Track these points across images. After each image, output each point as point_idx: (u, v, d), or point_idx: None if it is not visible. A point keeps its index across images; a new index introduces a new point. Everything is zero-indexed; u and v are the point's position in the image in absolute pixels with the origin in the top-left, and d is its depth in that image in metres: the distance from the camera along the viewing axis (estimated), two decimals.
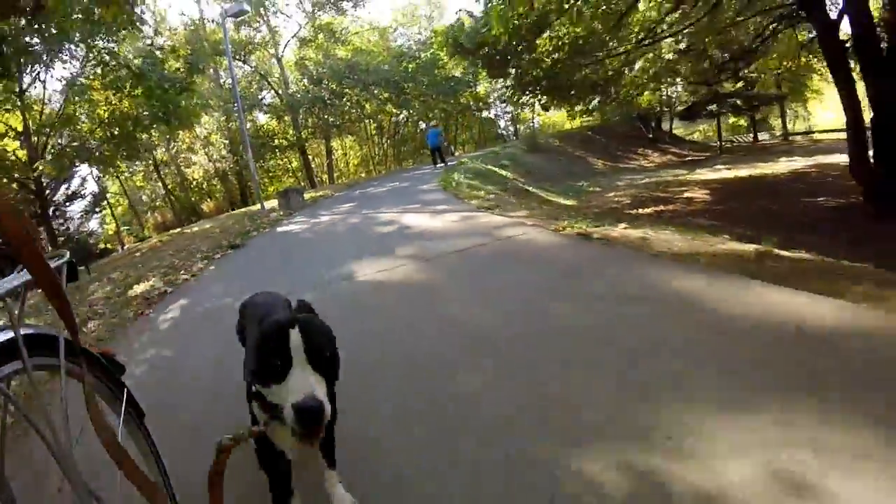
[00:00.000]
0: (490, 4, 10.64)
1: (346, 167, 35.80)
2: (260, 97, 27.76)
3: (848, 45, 8.66)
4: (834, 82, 8.98)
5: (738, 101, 22.22)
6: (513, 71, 11.74)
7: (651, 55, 13.58)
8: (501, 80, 13.32)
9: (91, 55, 12.87)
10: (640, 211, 12.61)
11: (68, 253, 1.32)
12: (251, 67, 27.84)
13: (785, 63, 18.90)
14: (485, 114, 36.29)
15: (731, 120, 34.68)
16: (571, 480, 1.48)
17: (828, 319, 2.18)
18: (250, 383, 1.37)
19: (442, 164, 18.57)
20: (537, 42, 11.66)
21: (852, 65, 9.04)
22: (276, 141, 29.13)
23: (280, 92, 27.37)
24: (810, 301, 2.39)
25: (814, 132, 30.27)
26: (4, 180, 14.52)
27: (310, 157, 31.90)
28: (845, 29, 8.74)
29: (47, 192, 15.83)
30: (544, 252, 4.10)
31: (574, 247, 4.06)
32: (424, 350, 2.60)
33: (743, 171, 18.19)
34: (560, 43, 12.09)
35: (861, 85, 8.62)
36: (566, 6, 9.57)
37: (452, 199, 8.49)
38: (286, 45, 28.83)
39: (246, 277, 5.58)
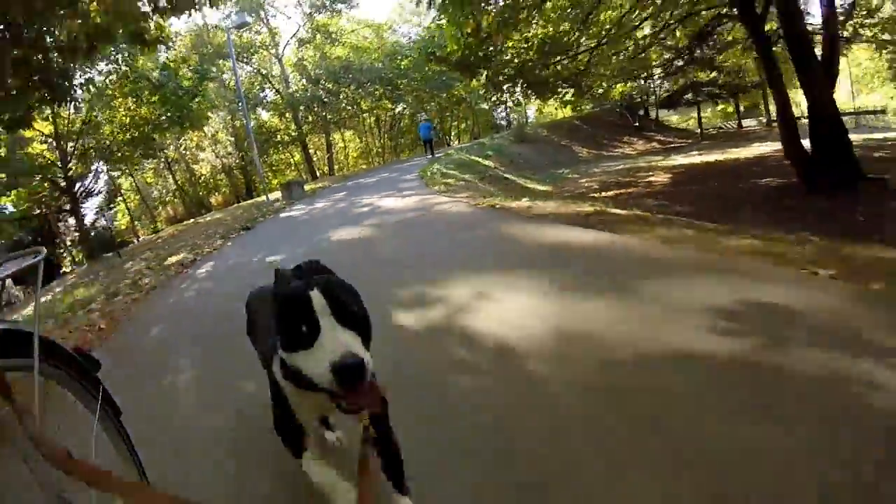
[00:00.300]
0: (444, 25, 12.38)
1: (346, 159, 37.67)
2: (262, 96, 29.71)
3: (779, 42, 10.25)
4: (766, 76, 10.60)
5: (715, 90, 23.75)
6: (484, 73, 13.35)
7: (616, 49, 15.21)
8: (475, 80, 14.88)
9: (114, 68, 14.81)
10: (603, 194, 14.27)
11: (45, 250, 1.32)
12: (253, 68, 29.73)
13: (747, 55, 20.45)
14: (483, 105, 37.95)
15: (721, 107, 36.02)
16: (398, 294, 3.30)
17: (586, 240, 3.97)
18: (267, 353, 1.33)
19: (430, 155, 20.45)
20: (508, 44, 13.35)
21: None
22: (279, 136, 31.12)
23: (281, 90, 29.34)
24: (590, 234, 4.15)
25: (801, 117, 31.76)
26: (38, 177, 16.56)
27: (311, 150, 33.86)
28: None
29: (76, 188, 17.84)
30: (457, 217, 5.93)
31: (478, 213, 5.88)
32: (362, 268, 4.45)
33: (713, 157, 19.75)
34: (529, 43, 13.78)
35: None
36: (518, 17, 11.29)
37: (422, 186, 10.30)
38: (286, 46, 30.77)
39: (257, 246, 7.44)
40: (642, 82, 22.89)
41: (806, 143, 10.04)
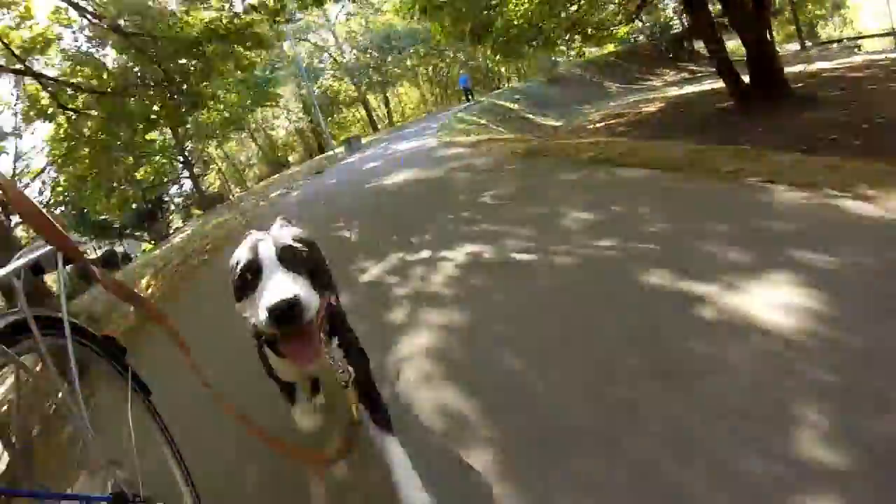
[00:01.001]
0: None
1: (402, 111, 41.87)
2: (321, 67, 34.34)
3: None
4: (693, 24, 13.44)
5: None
6: (490, 40, 16.53)
7: None
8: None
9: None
10: (598, 125, 17.55)
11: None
12: (311, 43, 34.25)
13: None
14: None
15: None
16: (373, 179, 7.47)
17: (464, 153, 7.93)
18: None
19: (468, 102, 24.21)
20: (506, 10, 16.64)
21: None
22: (341, 98, 35.77)
23: (337, 59, 33.87)
24: (478, 152, 8.12)
25: (836, 41, 32.14)
26: (159, 157, 22.18)
27: (375, 105, 38.49)
28: None
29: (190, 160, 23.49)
30: (425, 149, 9.95)
31: (436, 146, 9.89)
32: (364, 174, 8.62)
33: (715, 85, 21.93)
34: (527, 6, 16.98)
35: None
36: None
37: (434, 133, 14.28)
38: (336, 19, 34.97)
39: (321, 180, 11.86)
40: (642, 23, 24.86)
41: None
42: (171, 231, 24.39)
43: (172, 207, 30.04)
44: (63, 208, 20.82)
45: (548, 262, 2.79)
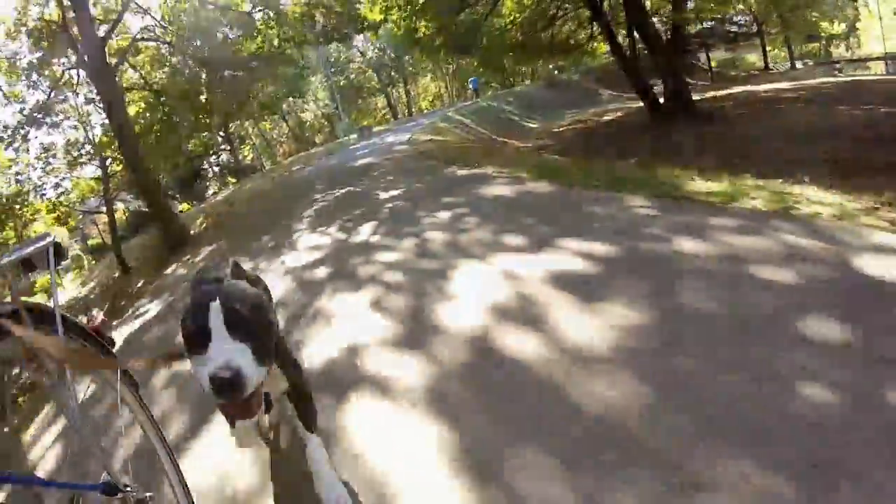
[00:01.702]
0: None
1: (422, 103, 46.03)
2: (348, 58, 38.68)
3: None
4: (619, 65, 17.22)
5: (708, 40, 28.76)
6: (476, 55, 20.17)
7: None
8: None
9: None
10: (561, 128, 21.33)
11: (54, 235, 1.39)
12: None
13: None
14: None
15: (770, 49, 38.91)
16: (357, 158, 11.64)
17: (409, 153, 12.04)
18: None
19: (477, 99, 28.35)
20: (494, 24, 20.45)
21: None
22: (365, 88, 40.11)
23: (363, 53, 38.17)
24: (416, 149, 12.20)
25: (835, 62, 35.00)
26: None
27: (397, 96, 42.86)
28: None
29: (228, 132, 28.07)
30: (403, 144, 14.04)
31: (411, 139, 13.97)
32: (353, 155, 12.80)
33: None
34: (514, 24, 20.80)
35: None
36: None
37: (425, 128, 18.35)
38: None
39: (332, 160, 16.08)
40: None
41: None
42: (209, 195, 28.98)
43: (210, 175, 34.81)
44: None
45: (369, 198, 6.87)
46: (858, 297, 1.90)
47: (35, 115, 14.12)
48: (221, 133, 27.28)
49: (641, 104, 17.62)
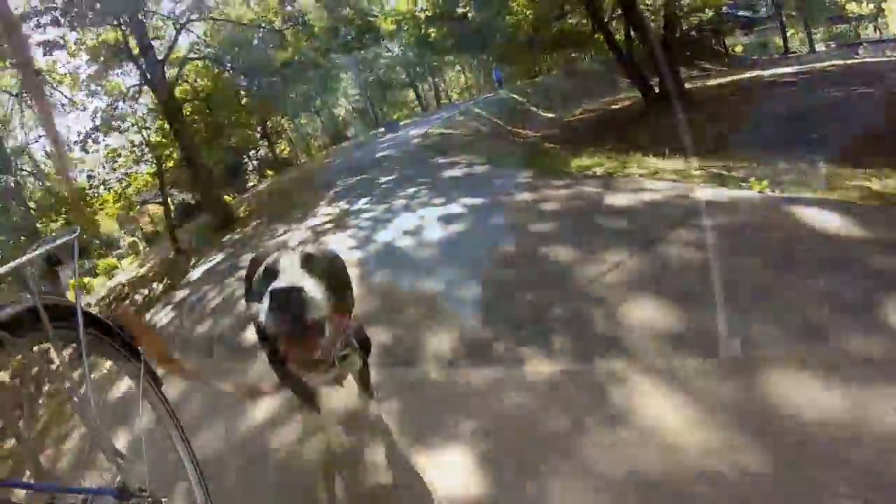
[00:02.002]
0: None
1: (450, 94, 47.98)
2: (377, 58, 41.05)
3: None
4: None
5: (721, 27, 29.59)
6: (486, 49, 21.79)
7: None
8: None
9: None
10: (574, 118, 22.87)
11: (79, 229, 1.38)
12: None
13: None
14: None
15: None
16: (381, 144, 13.65)
17: (421, 146, 14.00)
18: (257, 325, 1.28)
19: (500, 90, 29.96)
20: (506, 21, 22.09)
21: None
22: (394, 83, 42.34)
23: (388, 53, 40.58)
24: (426, 141, 14.15)
25: (857, 43, 35.06)
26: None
27: (425, 89, 45.13)
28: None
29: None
30: (421, 137, 16.00)
31: (427, 136, 15.93)
32: (378, 145, 14.83)
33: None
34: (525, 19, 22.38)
35: None
36: None
37: (443, 120, 20.25)
38: None
39: (359, 152, 18.17)
40: None
41: None
42: (248, 186, 31.67)
43: (250, 168, 37.71)
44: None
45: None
46: (583, 210, 3.81)
47: (106, 121, 16.76)
48: (259, 130, 29.91)
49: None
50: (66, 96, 18.17)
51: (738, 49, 42.15)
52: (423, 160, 9.72)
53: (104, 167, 20.17)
